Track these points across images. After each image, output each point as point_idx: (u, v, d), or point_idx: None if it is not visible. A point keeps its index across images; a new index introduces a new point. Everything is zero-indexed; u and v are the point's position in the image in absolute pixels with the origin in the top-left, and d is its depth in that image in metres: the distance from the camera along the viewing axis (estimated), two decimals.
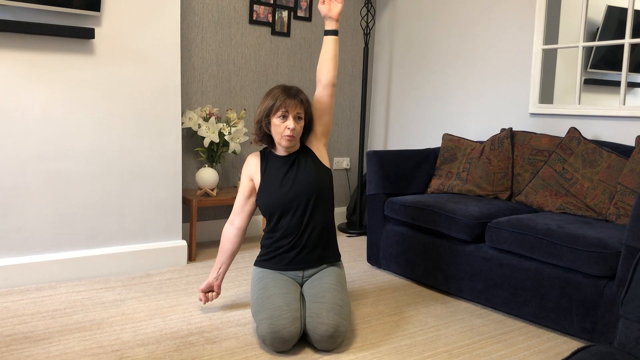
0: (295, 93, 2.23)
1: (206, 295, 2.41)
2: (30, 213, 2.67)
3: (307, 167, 2.28)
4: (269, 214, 2.28)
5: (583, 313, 2.21)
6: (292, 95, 2.21)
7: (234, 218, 2.40)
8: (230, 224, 2.40)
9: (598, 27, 3.07)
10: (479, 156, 3.17)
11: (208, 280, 2.41)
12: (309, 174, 2.27)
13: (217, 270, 2.40)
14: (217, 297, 2.46)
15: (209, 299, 2.42)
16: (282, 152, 2.31)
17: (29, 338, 2.10)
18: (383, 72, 4.30)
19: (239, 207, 2.39)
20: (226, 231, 2.40)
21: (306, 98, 2.27)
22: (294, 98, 2.20)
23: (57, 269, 2.73)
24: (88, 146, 2.78)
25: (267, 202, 2.26)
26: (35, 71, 2.61)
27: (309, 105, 2.28)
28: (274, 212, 2.26)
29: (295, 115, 2.20)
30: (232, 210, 2.42)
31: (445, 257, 2.72)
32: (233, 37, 3.62)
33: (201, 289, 2.41)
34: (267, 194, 2.27)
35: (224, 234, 2.40)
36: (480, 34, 3.58)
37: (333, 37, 2.30)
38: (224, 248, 2.40)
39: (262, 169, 2.32)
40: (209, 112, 3.35)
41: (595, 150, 2.72)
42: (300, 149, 2.33)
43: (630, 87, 2.92)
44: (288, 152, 2.30)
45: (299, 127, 2.23)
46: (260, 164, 2.33)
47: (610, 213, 2.53)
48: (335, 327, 2.02)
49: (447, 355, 2.08)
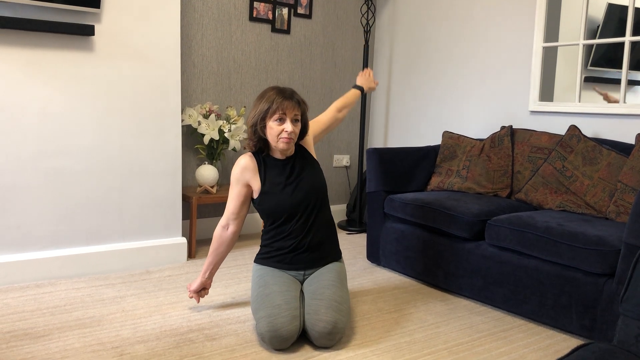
0: (290, 95, 2.17)
1: (199, 294, 2.41)
2: (30, 210, 2.67)
3: (308, 170, 2.27)
4: (273, 219, 2.25)
5: (582, 311, 2.21)
6: (288, 97, 2.15)
7: (228, 223, 2.31)
8: (223, 228, 2.31)
9: (598, 24, 3.07)
10: (479, 154, 3.17)
11: (200, 280, 2.37)
12: (312, 178, 2.26)
13: (210, 270, 2.37)
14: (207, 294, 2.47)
15: (202, 296, 2.42)
16: (279, 155, 2.26)
17: (28, 335, 2.10)
18: (383, 70, 4.30)
19: (234, 213, 2.29)
20: (221, 235, 2.32)
21: (302, 99, 2.21)
22: (291, 100, 2.15)
23: (57, 266, 2.73)
24: (88, 143, 2.78)
25: (271, 208, 2.23)
26: (34, 68, 2.61)
27: (305, 107, 2.24)
28: (279, 217, 2.23)
29: (293, 117, 2.16)
30: (225, 215, 2.30)
31: (445, 255, 2.73)
32: (233, 34, 3.61)
33: (194, 289, 2.38)
34: (270, 200, 2.22)
35: (219, 237, 2.32)
36: (481, 31, 3.58)
37: (359, 93, 2.70)
38: (218, 250, 2.34)
39: (261, 174, 2.24)
40: (208, 110, 3.35)
41: (595, 148, 2.72)
42: (297, 150, 2.31)
43: (631, 85, 2.92)
44: (285, 154, 2.26)
45: (297, 129, 2.19)
46: (258, 168, 2.25)
47: (610, 211, 2.53)
48: (334, 324, 2.03)
49: (447, 353, 2.08)
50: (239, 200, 2.28)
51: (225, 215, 2.31)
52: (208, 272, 2.37)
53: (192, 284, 2.40)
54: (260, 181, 2.24)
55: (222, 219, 2.32)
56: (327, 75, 4.10)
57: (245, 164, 2.24)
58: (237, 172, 2.25)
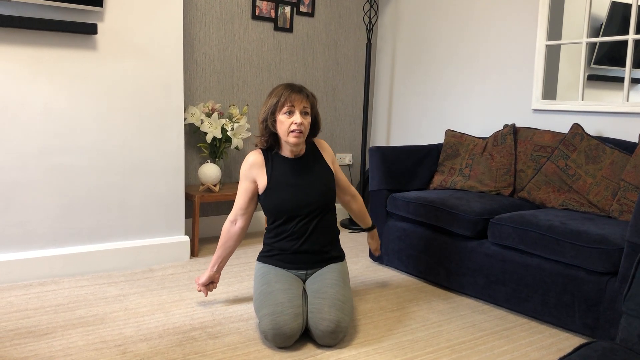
0: (299, 88, 2.20)
1: (207, 287, 2.42)
2: (33, 208, 2.68)
3: (316, 174, 2.27)
4: (274, 218, 2.26)
5: (585, 309, 2.20)
6: (297, 91, 2.18)
7: (237, 218, 2.33)
8: (232, 223, 2.34)
9: (602, 22, 3.06)
10: (482, 152, 3.17)
11: (209, 274, 2.39)
12: (318, 183, 2.26)
13: (218, 264, 2.39)
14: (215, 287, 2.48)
15: (210, 290, 2.44)
16: (290, 154, 2.27)
17: (32, 333, 2.11)
18: (386, 68, 4.29)
19: (242, 208, 2.32)
20: (230, 230, 2.35)
21: (311, 93, 2.23)
22: (299, 93, 2.17)
23: (60, 264, 2.74)
24: (90, 141, 2.79)
25: (272, 206, 2.24)
26: (37, 66, 2.62)
27: (314, 100, 2.25)
28: (280, 217, 2.24)
29: (302, 109, 2.17)
30: (234, 210, 2.34)
31: (447, 253, 2.72)
32: (236, 33, 3.61)
33: (202, 282, 2.40)
34: (274, 199, 2.23)
35: (228, 232, 2.35)
36: (484, 29, 3.57)
37: (368, 228, 2.67)
38: (226, 245, 2.37)
39: (268, 170, 2.25)
40: (211, 108, 3.35)
41: (599, 146, 2.72)
42: (309, 152, 2.31)
43: (634, 83, 2.91)
44: (295, 153, 2.27)
45: (307, 122, 2.19)
46: (265, 164, 2.26)
47: (613, 209, 2.53)
48: (337, 323, 2.03)
49: (449, 351, 2.08)
50: (247, 195, 2.30)
51: (234, 211, 2.34)
52: (216, 266, 2.39)
53: (200, 277, 2.42)
54: (266, 178, 2.25)
55: (230, 213, 2.35)
56: (330, 74, 4.10)
57: (254, 160, 2.26)
58: (245, 168, 2.28)
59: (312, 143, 2.35)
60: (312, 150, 2.33)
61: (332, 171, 2.34)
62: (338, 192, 2.48)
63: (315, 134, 2.32)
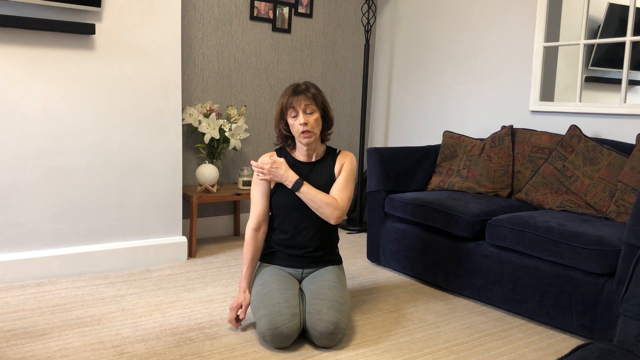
0: (303, 89, 2.19)
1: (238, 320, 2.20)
2: (31, 208, 2.67)
3: (323, 181, 2.26)
4: (274, 216, 2.29)
5: (583, 311, 2.21)
6: (299, 92, 2.18)
7: (260, 224, 2.26)
8: (256, 231, 2.25)
9: (599, 24, 3.07)
10: (480, 153, 3.17)
11: (242, 298, 2.21)
12: (323, 191, 2.25)
13: (247, 282, 2.24)
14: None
15: (242, 317, 2.20)
16: (303, 157, 2.28)
17: (29, 333, 2.10)
18: (384, 69, 4.29)
19: (264, 213, 2.26)
20: (255, 238, 2.25)
21: (316, 92, 2.20)
22: (299, 94, 2.17)
23: (57, 265, 2.74)
24: (88, 142, 2.78)
25: (277, 206, 2.26)
26: (35, 66, 2.61)
27: (320, 98, 2.22)
28: (279, 216, 2.26)
29: (304, 109, 2.17)
30: (255, 217, 2.25)
31: (445, 255, 2.73)
32: (234, 34, 3.61)
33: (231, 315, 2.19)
34: (277, 196, 2.25)
35: (255, 240, 2.24)
36: (482, 31, 3.58)
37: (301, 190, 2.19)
38: (255, 256, 2.25)
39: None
40: (209, 109, 3.35)
41: (596, 148, 2.72)
42: (325, 159, 2.30)
43: (631, 85, 2.92)
44: (309, 156, 2.28)
45: (312, 120, 2.18)
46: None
47: (610, 211, 2.53)
48: (335, 324, 2.03)
49: (447, 352, 2.08)
50: (265, 199, 2.27)
51: (255, 217, 2.26)
52: (245, 284, 2.24)
53: (232, 304, 2.21)
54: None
55: (250, 221, 2.26)
56: (328, 75, 4.10)
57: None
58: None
59: (335, 152, 2.33)
60: (328, 158, 2.32)
61: (334, 180, 2.30)
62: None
63: (329, 127, 2.29)
